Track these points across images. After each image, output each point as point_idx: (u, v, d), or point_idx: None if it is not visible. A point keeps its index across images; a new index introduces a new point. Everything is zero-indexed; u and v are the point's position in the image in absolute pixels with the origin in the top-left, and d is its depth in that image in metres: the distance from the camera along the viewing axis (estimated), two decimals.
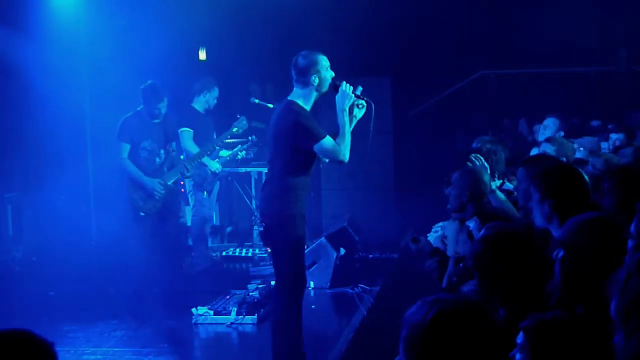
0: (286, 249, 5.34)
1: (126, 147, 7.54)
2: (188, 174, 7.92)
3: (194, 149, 8.30)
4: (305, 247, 5.97)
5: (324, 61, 5.34)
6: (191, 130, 8.45)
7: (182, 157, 8.16)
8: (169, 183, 7.62)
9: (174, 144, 7.85)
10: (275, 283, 5.66)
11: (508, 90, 13.10)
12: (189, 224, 9.16)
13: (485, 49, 13.11)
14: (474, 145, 6.60)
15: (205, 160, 8.42)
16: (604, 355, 2.39)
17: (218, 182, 9.13)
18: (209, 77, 8.88)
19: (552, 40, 12.63)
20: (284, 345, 5.41)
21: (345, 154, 5.30)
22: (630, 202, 3.61)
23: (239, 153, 8.90)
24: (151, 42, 9.44)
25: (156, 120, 7.58)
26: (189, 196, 8.91)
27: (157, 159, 7.60)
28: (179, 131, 8.26)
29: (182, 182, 8.53)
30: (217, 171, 8.68)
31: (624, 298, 2.36)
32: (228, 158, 8.89)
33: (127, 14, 9.68)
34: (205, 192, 8.73)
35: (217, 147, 8.59)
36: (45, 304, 7.51)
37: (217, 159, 8.69)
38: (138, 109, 7.61)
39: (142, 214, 7.51)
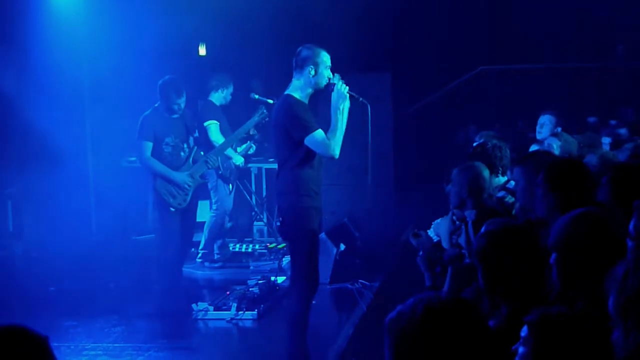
0: (301, 242, 5.38)
1: (149, 146, 7.25)
2: (213, 166, 7.80)
3: (222, 140, 8.28)
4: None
5: (324, 57, 5.37)
6: (217, 123, 8.46)
7: (201, 152, 7.89)
8: (197, 176, 7.50)
9: (191, 138, 7.65)
10: (291, 277, 5.67)
11: (508, 86, 13.11)
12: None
13: (485, 45, 13.11)
14: (477, 139, 6.57)
15: (230, 152, 8.44)
16: (606, 351, 2.39)
17: None
18: (225, 74, 8.97)
19: (552, 36, 12.64)
20: (292, 339, 5.44)
21: (336, 150, 5.30)
22: (624, 200, 3.61)
23: (252, 146, 8.94)
24: (151, 39, 9.44)
25: (175, 116, 7.35)
26: (212, 192, 8.85)
27: (182, 153, 7.42)
28: (205, 124, 8.20)
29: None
30: (240, 165, 8.72)
31: (622, 295, 2.36)
32: (242, 153, 8.93)
33: (126, 12, 9.66)
34: (230, 185, 8.75)
35: (248, 137, 8.56)
36: (45, 300, 7.52)
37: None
38: (155, 105, 7.36)
39: (172, 209, 7.32)
